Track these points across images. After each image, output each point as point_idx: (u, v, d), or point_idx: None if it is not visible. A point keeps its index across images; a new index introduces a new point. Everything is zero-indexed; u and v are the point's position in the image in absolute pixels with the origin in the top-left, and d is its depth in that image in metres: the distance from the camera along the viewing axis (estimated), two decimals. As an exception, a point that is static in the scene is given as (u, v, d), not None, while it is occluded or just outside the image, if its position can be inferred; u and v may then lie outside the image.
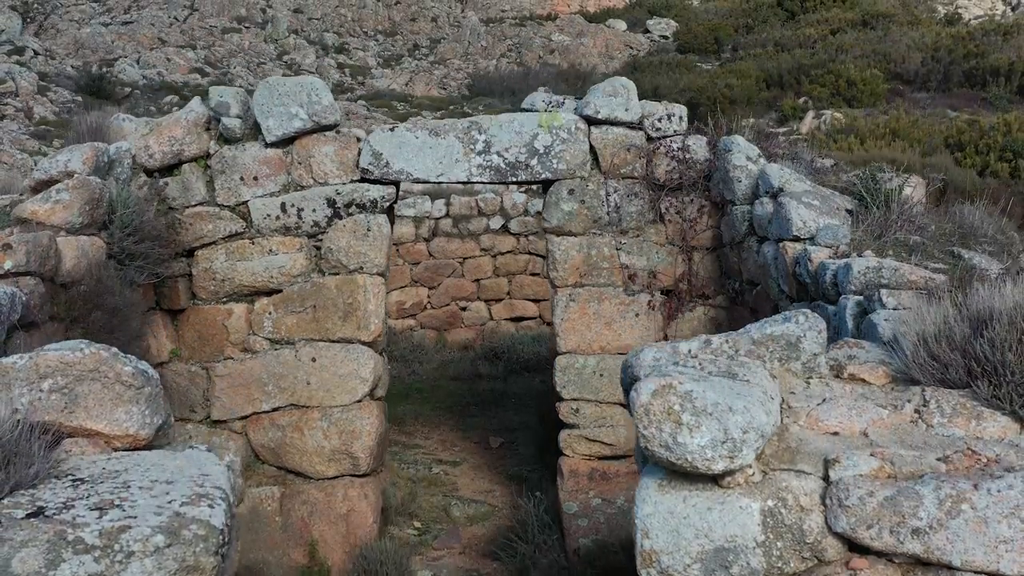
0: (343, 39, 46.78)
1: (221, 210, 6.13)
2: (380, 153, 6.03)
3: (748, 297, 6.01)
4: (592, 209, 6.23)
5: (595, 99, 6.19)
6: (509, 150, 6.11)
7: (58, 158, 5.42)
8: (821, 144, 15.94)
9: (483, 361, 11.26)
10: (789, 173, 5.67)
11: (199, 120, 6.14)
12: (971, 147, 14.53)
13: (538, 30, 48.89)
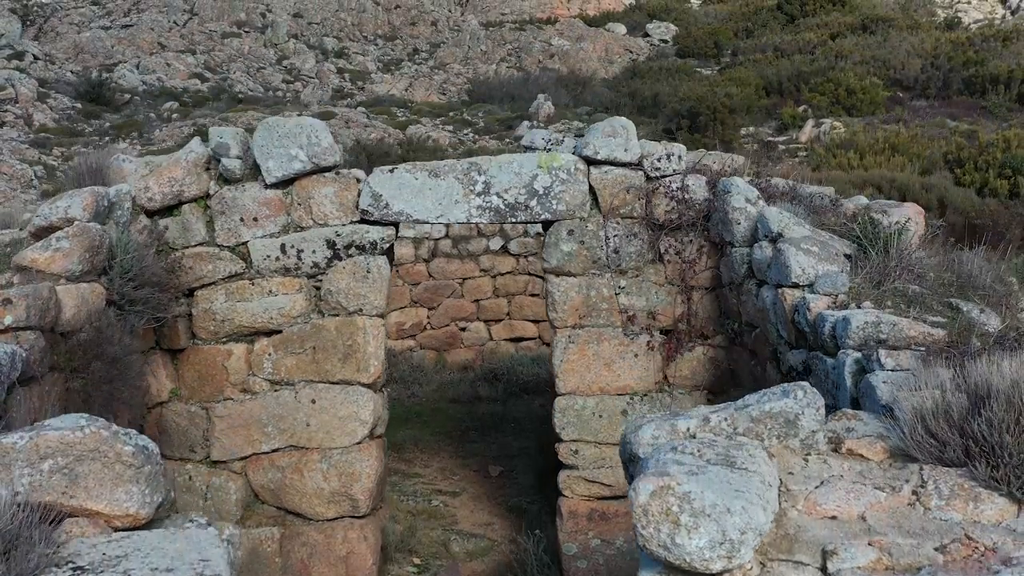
0: (343, 43, 46.77)
1: (221, 251, 6.13)
2: (380, 194, 6.04)
3: (747, 339, 6.02)
4: (591, 250, 6.24)
5: (594, 139, 6.20)
6: (508, 191, 6.11)
7: (58, 204, 5.42)
8: (821, 159, 15.95)
9: (482, 383, 11.26)
10: (788, 217, 5.68)
11: (199, 161, 6.14)
12: (970, 163, 14.56)
13: (538, 34, 48.89)
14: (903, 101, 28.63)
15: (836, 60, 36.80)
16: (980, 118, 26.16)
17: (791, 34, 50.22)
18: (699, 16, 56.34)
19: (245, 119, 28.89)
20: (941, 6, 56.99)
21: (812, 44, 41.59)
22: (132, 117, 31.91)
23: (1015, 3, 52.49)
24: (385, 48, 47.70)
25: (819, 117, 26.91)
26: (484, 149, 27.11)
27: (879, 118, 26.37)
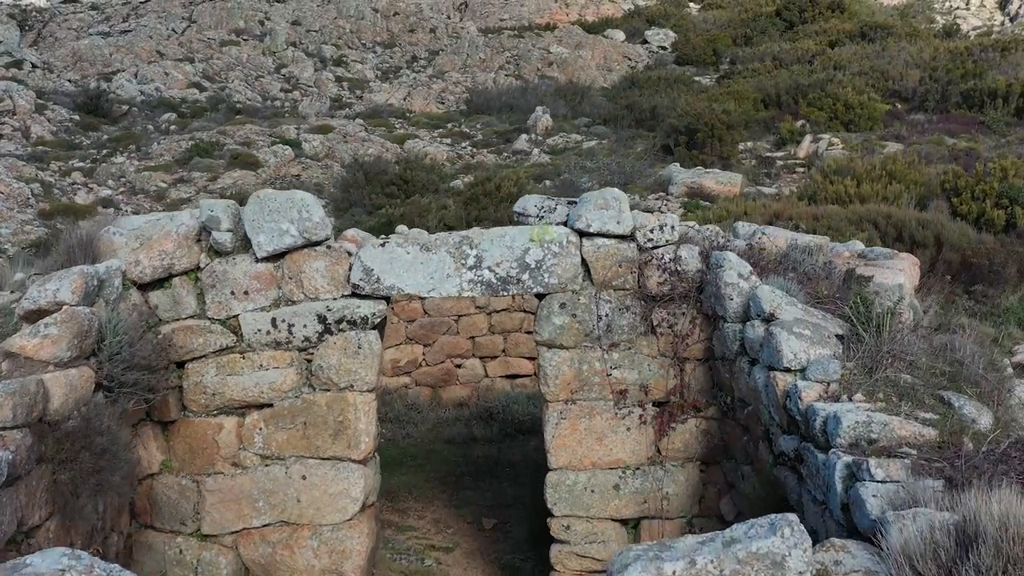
0: (341, 51, 46.72)
1: (212, 324, 6.11)
2: (371, 269, 6.02)
3: (740, 414, 5.99)
4: (583, 323, 6.21)
5: (587, 212, 6.17)
6: (500, 265, 6.09)
7: (47, 287, 5.39)
8: (818, 185, 15.91)
9: (477, 422, 11.23)
10: (780, 296, 5.66)
11: (190, 233, 6.12)
12: (967, 192, 14.51)
13: (536, 41, 48.84)
14: (901, 115, 28.59)
15: (834, 71, 36.76)
16: (978, 134, 26.13)
17: (790, 41, 50.21)
18: (698, 22, 56.33)
19: (243, 132, 28.92)
20: (940, 12, 56.99)
21: (811, 53, 41.57)
22: (130, 129, 31.88)
23: (1014, 10, 52.49)
24: (384, 56, 47.66)
25: (817, 132, 26.88)
26: (482, 164, 27.11)
27: (877, 134, 26.35)
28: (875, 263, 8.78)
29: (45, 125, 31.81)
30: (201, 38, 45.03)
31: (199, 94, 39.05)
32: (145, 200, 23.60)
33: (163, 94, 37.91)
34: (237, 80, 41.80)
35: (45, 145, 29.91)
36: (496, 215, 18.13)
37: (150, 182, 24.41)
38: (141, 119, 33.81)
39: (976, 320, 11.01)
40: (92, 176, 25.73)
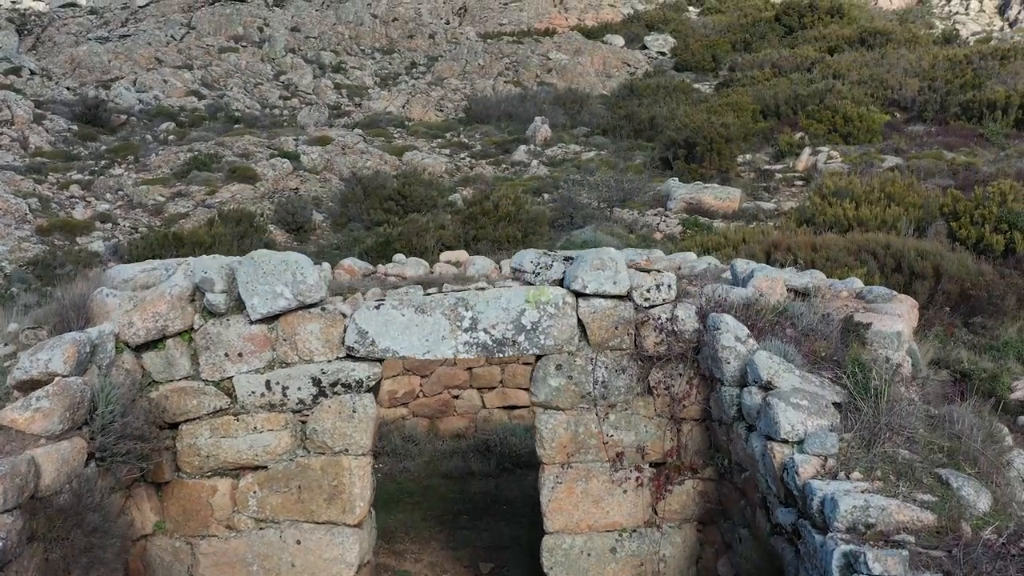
0: (340, 57, 46.65)
1: (206, 385, 6.07)
2: (366, 331, 5.98)
3: (737, 478, 5.96)
4: (580, 385, 6.17)
5: (583, 273, 6.13)
6: (496, 327, 6.05)
7: (39, 357, 5.35)
8: (817, 208, 15.86)
9: (475, 455, 11.19)
10: (778, 363, 5.62)
11: (183, 294, 6.07)
12: (966, 217, 14.49)
13: (535, 47, 48.77)
14: (900, 127, 28.57)
15: (833, 79, 36.74)
16: (977, 147, 26.12)
17: (789, 47, 50.17)
18: (697, 27, 56.27)
19: (242, 144, 28.86)
20: (939, 16, 56.94)
21: (810, 60, 41.52)
22: (128, 139, 31.82)
23: (1013, 15, 52.44)
24: (383, 62, 47.60)
25: (816, 145, 26.86)
26: (480, 177, 27.06)
27: (876, 147, 26.33)
28: (874, 305, 8.73)
29: (43, 135, 31.75)
30: (200, 44, 44.95)
31: (198, 102, 38.98)
32: (143, 214, 23.55)
33: (161, 102, 37.84)
34: (236, 87, 41.74)
35: (43, 156, 29.84)
36: (494, 234, 18.11)
37: (148, 196, 24.35)
38: (140, 128, 33.75)
39: (975, 354, 10.99)
40: (90, 189, 25.66)
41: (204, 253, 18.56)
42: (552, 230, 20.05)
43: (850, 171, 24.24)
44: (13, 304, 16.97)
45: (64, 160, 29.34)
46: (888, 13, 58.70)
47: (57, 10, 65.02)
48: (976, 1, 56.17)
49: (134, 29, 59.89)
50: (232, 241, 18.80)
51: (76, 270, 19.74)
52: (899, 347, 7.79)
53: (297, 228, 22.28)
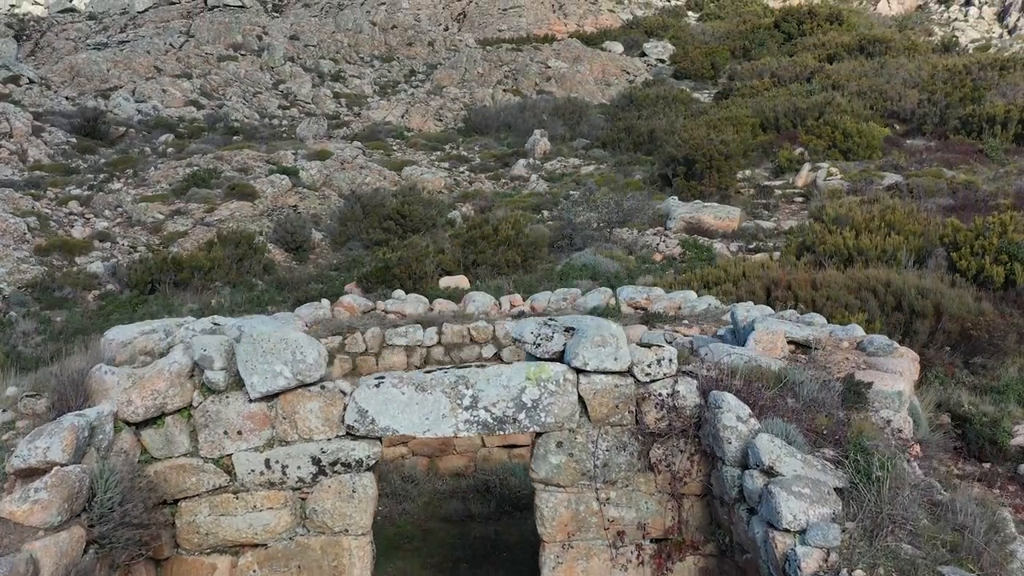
0: (339, 66, 46.60)
1: (205, 463, 6.05)
2: (366, 410, 5.96)
3: (739, 558, 5.95)
4: (580, 462, 6.16)
5: (584, 351, 6.11)
6: (496, 404, 6.03)
7: (37, 444, 5.32)
8: (817, 235, 15.84)
9: (475, 495, 11.16)
10: (779, 447, 5.60)
11: (182, 371, 6.05)
12: (966, 248, 14.46)
13: (534, 55, 48.74)
14: (899, 142, 28.56)
15: (832, 91, 36.75)
16: (977, 163, 26.12)
17: (788, 54, 50.19)
18: (696, 34, 56.26)
19: (241, 158, 28.83)
20: (938, 23, 56.96)
21: (809, 70, 41.50)
22: (127, 152, 31.80)
23: (1012, 22, 52.44)
24: (382, 70, 47.57)
25: (816, 161, 26.86)
26: (480, 192, 27.04)
27: (876, 163, 26.34)
28: (875, 359, 8.74)
29: (42, 148, 31.75)
30: (199, 53, 44.89)
31: (196, 112, 38.95)
32: (142, 232, 23.52)
33: (160, 113, 37.81)
34: (235, 96, 41.70)
35: (42, 170, 29.83)
36: (494, 258, 18.10)
37: (147, 213, 24.33)
38: (139, 141, 33.72)
39: (976, 395, 10.99)
40: (89, 205, 25.64)
41: (203, 277, 18.57)
42: (552, 252, 20.04)
43: (850, 189, 24.28)
44: (12, 330, 16.98)
45: (63, 174, 29.32)
46: (887, 19, 58.73)
47: (56, 15, 64.99)
48: (975, 8, 56.18)
49: (133, 35, 59.85)
50: (231, 265, 18.80)
51: (75, 292, 19.73)
52: (900, 407, 7.80)
53: (296, 247, 22.26)
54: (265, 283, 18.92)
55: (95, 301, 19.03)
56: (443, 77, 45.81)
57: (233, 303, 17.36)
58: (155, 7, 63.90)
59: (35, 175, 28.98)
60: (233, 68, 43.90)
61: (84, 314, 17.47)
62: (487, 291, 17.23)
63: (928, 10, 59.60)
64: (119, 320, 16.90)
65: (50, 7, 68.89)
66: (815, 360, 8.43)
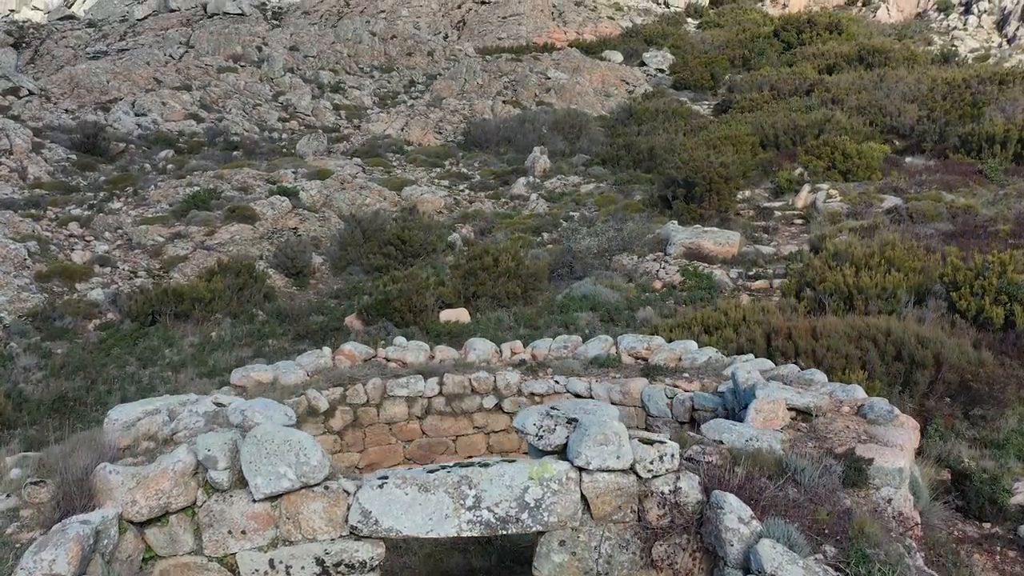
0: (339, 77, 46.60)
1: (209, 562, 6.09)
2: (369, 511, 5.99)
3: (740, 657, 5.97)
4: (583, 560, 6.19)
5: (586, 450, 6.14)
6: (499, 504, 6.06)
7: (42, 556, 5.35)
8: (817, 272, 15.87)
9: (476, 548, 11.20)
10: (781, 554, 5.63)
11: (186, 470, 6.09)
12: (966, 287, 14.49)
13: (534, 65, 48.75)
14: (899, 162, 28.59)
15: (832, 105, 36.80)
16: (976, 185, 26.14)
17: (787, 64, 50.23)
18: (696, 43, 56.27)
19: (241, 176, 28.86)
20: (937, 32, 56.96)
21: (808, 82, 41.52)
22: (127, 169, 31.83)
23: (1011, 31, 52.46)
24: (381, 80, 47.58)
25: (815, 181, 26.89)
26: (480, 213, 27.06)
27: (875, 184, 26.37)
28: (876, 427, 8.82)
29: (42, 165, 31.78)
30: (199, 64, 44.89)
31: (196, 125, 38.97)
32: (142, 256, 23.54)
33: (160, 127, 37.82)
34: (235, 109, 41.71)
35: (42, 187, 29.87)
36: (494, 290, 18.13)
37: (147, 236, 24.35)
38: (139, 157, 33.74)
39: (976, 449, 11.03)
40: (89, 226, 25.66)
41: (204, 309, 18.60)
42: (552, 279, 20.07)
43: (849, 212, 24.31)
44: (13, 364, 17.00)
45: (63, 192, 29.35)
46: (886, 27, 58.74)
47: (55, 23, 64.98)
48: (974, 16, 56.17)
49: (133, 43, 59.84)
50: (231, 296, 18.83)
51: (75, 321, 19.75)
52: (901, 483, 7.86)
53: (296, 273, 22.29)
54: (266, 313, 18.95)
55: (96, 331, 19.05)
56: (442, 88, 45.82)
57: (234, 336, 17.39)
58: (155, 14, 63.91)
59: (35, 194, 29.01)
60: (233, 80, 43.89)
61: (85, 347, 17.49)
62: (487, 324, 17.31)
63: (927, 18, 59.59)
64: (120, 355, 16.95)
65: (50, 14, 68.83)
66: (816, 429, 8.48)
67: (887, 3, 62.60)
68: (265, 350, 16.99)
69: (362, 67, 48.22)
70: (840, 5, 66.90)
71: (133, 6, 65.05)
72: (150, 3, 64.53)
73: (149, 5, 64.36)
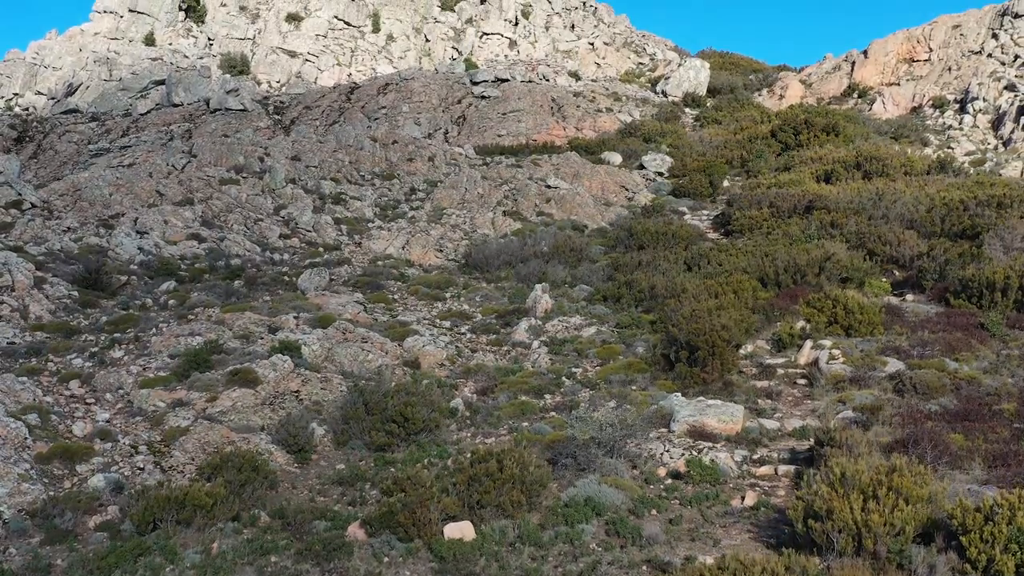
0: (340, 186, 47.03)
1: None
2: None
3: None
4: None
5: None
6: None
7: None
8: (824, 501, 15.80)
9: None
10: None
11: None
12: (975, 533, 14.42)
13: (534, 171, 49.25)
14: (900, 310, 28.73)
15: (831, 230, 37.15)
16: (979, 344, 26.22)
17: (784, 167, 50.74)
18: (694, 142, 56.90)
19: (242, 322, 29.02)
20: (933, 130, 57.65)
21: (807, 199, 41.86)
22: (128, 306, 31.92)
23: (1006, 133, 53.08)
24: (382, 188, 47.97)
25: (818, 336, 26.98)
26: (481, 367, 27.15)
27: (877, 343, 26.47)
28: None
29: (44, 303, 31.91)
30: (201, 175, 45.30)
31: (198, 246, 39.21)
32: (143, 426, 23.47)
33: (162, 251, 38.07)
34: (236, 224, 42.00)
35: (43, 330, 29.94)
36: (499, 499, 18.05)
37: (148, 401, 24.32)
38: (140, 290, 33.91)
39: None
40: (90, 384, 25.64)
41: (205, 515, 18.47)
42: (556, 469, 20.03)
43: (852, 376, 24.33)
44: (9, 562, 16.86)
45: (65, 335, 29.38)
46: (882, 124, 59.41)
47: (59, 116, 65.64)
48: (969, 116, 56.82)
49: (135, 139, 60.45)
50: (233, 499, 18.74)
51: (75, 517, 19.60)
52: None
53: (298, 450, 22.23)
54: (268, 513, 18.85)
55: (96, 530, 18.96)
56: (443, 198, 46.19)
57: (235, 553, 17.25)
58: (157, 109, 64.67)
59: (36, 338, 29.08)
60: (235, 192, 44.26)
61: (84, 562, 17.36)
62: (491, 536, 17.19)
63: (923, 114, 60.29)
64: (121, 578, 16.83)
65: (54, 100, 69.46)
66: None
67: (883, 97, 63.40)
68: (268, 569, 16.87)
69: (363, 174, 48.66)
70: (836, 96, 67.81)
71: (136, 99, 65.75)
72: (153, 97, 65.25)
73: (152, 99, 65.07)
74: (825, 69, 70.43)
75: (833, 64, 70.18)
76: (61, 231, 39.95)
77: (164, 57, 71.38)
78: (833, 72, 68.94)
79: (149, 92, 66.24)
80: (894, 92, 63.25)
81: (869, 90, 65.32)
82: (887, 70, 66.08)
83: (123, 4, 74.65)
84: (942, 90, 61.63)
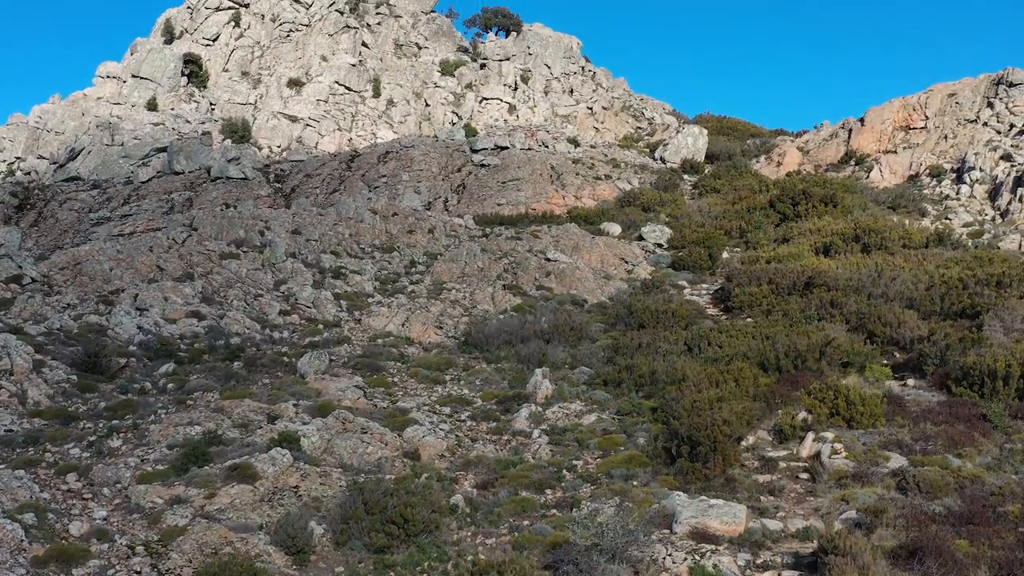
0: (340, 259, 47.14)
1: None
2: None
3: None
4: None
5: None
6: None
7: None
8: None
9: None
10: None
11: None
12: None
13: (534, 244, 49.43)
14: (902, 400, 28.62)
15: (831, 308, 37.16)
16: (982, 437, 26.10)
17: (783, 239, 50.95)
18: (692, 212, 57.21)
19: (241, 410, 28.91)
20: (931, 200, 57.97)
21: (807, 275, 41.91)
22: (127, 391, 31.80)
23: (1004, 204, 53.41)
24: (382, 261, 48.10)
25: (819, 428, 26.87)
26: (481, 459, 26.98)
27: (880, 436, 26.35)
28: None
29: (42, 388, 31.79)
30: (201, 249, 45.42)
31: (197, 324, 39.16)
32: (141, 524, 23.21)
33: (162, 330, 38.02)
34: (236, 300, 42.00)
35: (41, 416, 29.79)
36: (500, 614, 17.83)
37: (146, 497, 24.09)
38: (139, 374, 33.80)
39: None
40: (87, 477, 25.42)
41: (202, 633, 18.22)
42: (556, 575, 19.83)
43: (855, 471, 24.18)
44: None
45: (63, 422, 29.24)
46: (880, 193, 59.77)
47: (60, 184, 66.01)
48: (967, 185, 57.20)
49: (136, 208, 60.76)
50: (230, 615, 18.52)
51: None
52: None
53: (297, 551, 21.99)
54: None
55: (91, 644, 18.66)
56: (443, 271, 46.31)
57: None
58: (159, 176, 65.06)
59: (35, 425, 28.95)
60: (235, 267, 44.35)
61: None
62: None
63: (920, 183, 60.69)
64: None
65: (55, 165, 69.87)
66: None
67: (880, 165, 63.89)
68: None
69: (363, 247, 48.83)
70: (834, 163, 68.34)
71: (137, 167, 66.20)
72: (154, 165, 65.71)
73: (153, 167, 65.53)
74: (822, 136, 71.06)
75: (830, 131, 70.80)
76: (61, 308, 39.95)
77: (166, 122, 71.94)
78: (830, 139, 69.53)
79: (151, 159, 66.69)
80: (891, 160, 63.74)
81: (866, 157, 65.83)
82: (884, 137, 66.65)
83: (126, 69, 75.49)
84: (939, 159, 62.11)
